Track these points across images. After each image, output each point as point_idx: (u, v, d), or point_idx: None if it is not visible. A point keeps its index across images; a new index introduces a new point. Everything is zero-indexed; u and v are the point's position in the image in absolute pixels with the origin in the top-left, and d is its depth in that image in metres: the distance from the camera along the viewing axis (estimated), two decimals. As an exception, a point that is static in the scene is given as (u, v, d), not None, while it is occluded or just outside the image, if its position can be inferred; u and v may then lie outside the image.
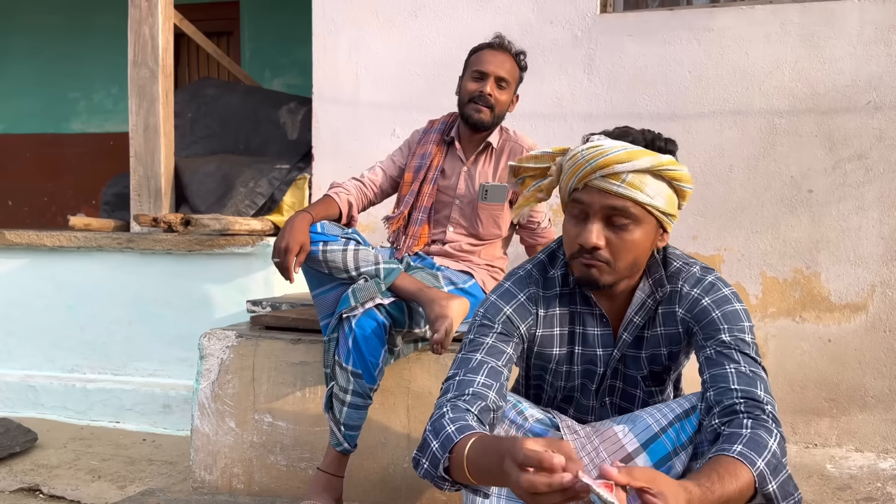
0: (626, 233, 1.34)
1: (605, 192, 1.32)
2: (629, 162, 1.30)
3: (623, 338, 1.49)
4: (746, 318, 1.41)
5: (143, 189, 3.45)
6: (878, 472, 2.59)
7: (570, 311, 1.50)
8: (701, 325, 1.41)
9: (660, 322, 1.48)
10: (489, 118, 2.29)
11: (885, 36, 2.77)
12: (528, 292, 1.49)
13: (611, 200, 1.32)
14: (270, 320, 2.49)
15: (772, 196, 2.89)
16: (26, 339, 3.35)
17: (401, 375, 2.23)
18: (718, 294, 1.42)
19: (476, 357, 1.40)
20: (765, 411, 1.27)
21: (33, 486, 2.43)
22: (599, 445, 1.38)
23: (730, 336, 1.37)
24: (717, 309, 1.40)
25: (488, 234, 2.36)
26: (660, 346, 1.50)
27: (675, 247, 1.52)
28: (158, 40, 3.40)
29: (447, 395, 1.35)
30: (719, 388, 1.32)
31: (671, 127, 2.97)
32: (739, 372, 1.32)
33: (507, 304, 1.48)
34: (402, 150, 2.47)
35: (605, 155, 1.31)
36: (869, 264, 2.80)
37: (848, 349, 2.82)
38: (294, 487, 2.28)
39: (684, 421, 1.39)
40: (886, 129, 2.78)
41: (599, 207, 1.33)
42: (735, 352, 1.35)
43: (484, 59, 2.29)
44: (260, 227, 3.31)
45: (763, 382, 1.32)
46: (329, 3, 3.39)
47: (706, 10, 2.99)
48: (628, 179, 1.31)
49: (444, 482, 1.22)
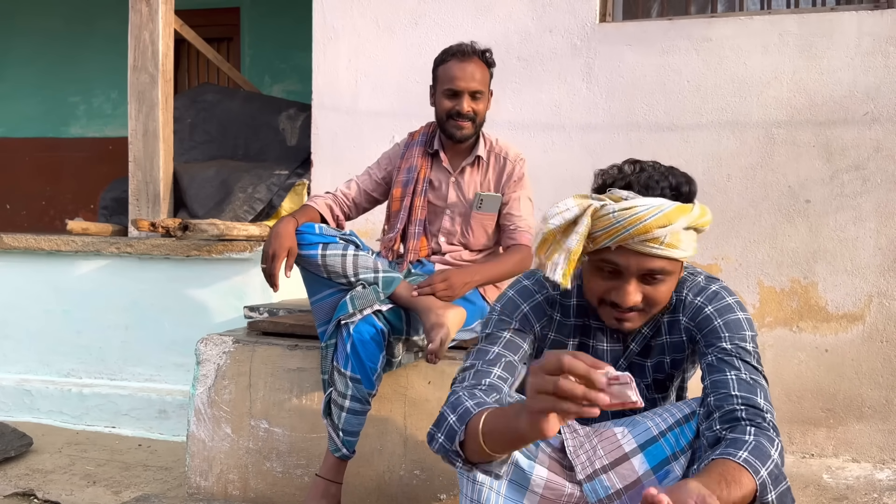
0: (662, 284, 1.35)
1: (642, 254, 1.31)
2: (669, 226, 1.28)
3: (631, 348, 1.51)
4: (749, 326, 1.41)
5: (142, 194, 3.45)
6: (875, 483, 2.59)
7: (584, 324, 1.52)
8: (703, 332, 1.42)
9: (665, 331, 1.49)
10: (472, 131, 2.28)
11: (883, 47, 2.78)
12: (547, 294, 1.51)
13: (649, 263, 1.31)
14: (267, 326, 2.49)
15: (769, 206, 2.89)
16: (22, 343, 3.34)
17: (397, 382, 2.23)
18: (722, 303, 1.43)
19: (494, 349, 1.42)
20: (765, 419, 1.27)
21: (28, 490, 2.42)
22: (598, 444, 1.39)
23: (731, 344, 1.38)
24: (719, 317, 1.41)
25: (478, 244, 2.35)
26: (664, 353, 1.51)
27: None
28: (158, 45, 3.40)
29: (463, 383, 1.36)
30: (720, 393, 1.32)
31: (669, 137, 2.99)
32: (740, 379, 1.33)
33: (524, 301, 1.50)
34: (381, 164, 2.43)
35: (643, 221, 1.27)
36: (866, 275, 2.80)
37: (845, 359, 2.82)
38: (289, 494, 2.28)
39: (684, 426, 1.39)
40: (884, 140, 2.79)
41: (637, 269, 1.32)
42: (736, 359, 1.35)
43: (453, 74, 2.23)
44: (258, 232, 3.31)
45: (763, 391, 1.33)
46: (329, 11, 3.40)
47: (705, 21, 3.00)
48: (667, 241, 1.30)
49: (458, 458, 1.23)
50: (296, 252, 2.06)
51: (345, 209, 2.37)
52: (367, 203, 2.42)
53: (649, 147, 3.01)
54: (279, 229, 2.08)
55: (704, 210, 1.35)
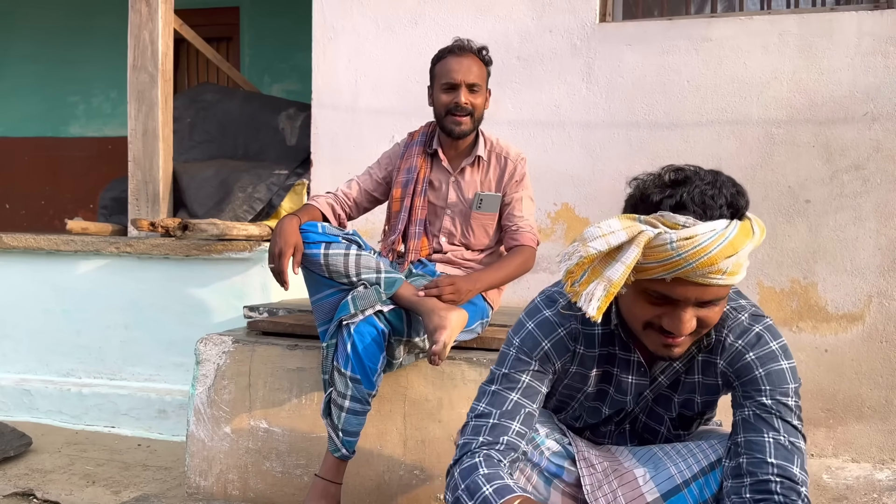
0: (716, 307, 1.24)
1: (703, 286, 1.18)
2: (734, 256, 1.16)
3: (659, 381, 1.42)
4: (793, 378, 1.30)
5: (141, 193, 3.44)
6: (875, 483, 2.59)
7: (609, 353, 1.40)
8: (742, 381, 1.31)
9: (698, 369, 1.38)
10: (470, 126, 2.28)
11: (883, 47, 2.78)
12: (570, 327, 1.38)
13: (709, 293, 1.19)
14: (267, 326, 2.49)
15: (769, 206, 2.89)
16: (22, 343, 3.34)
17: (397, 382, 2.22)
18: (764, 349, 1.31)
19: (511, 398, 1.34)
20: (800, 495, 1.22)
21: (27, 490, 2.42)
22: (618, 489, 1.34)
23: (771, 399, 1.27)
24: (761, 367, 1.30)
25: (479, 244, 2.35)
26: (695, 393, 1.42)
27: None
28: (158, 45, 3.40)
29: (479, 439, 1.29)
30: (754, 458, 1.25)
31: (669, 136, 2.98)
32: (778, 444, 1.24)
33: (546, 337, 1.38)
34: (382, 164, 2.44)
35: (709, 253, 1.13)
36: (866, 275, 2.80)
37: (845, 359, 2.82)
38: (289, 494, 2.28)
39: (709, 475, 1.33)
40: (883, 140, 2.79)
41: (696, 300, 1.20)
42: (776, 418, 1.26)
43: (450, 67, 2.25)
44: (258, 232, 3.31)
45: (801, 457, 1.25)
46: (329, 10, 3.40)
47: (705, 20, 3.00)
48: (729, 270, 1.17)
49: None
50: (302, 248, 2.05)
51: (346, 209, 2.37)
52: (368, 203, 2.43)
53: (649, 147, 3.01)
54: (284, 227, 2.07)
55: (763, 228, 1.24)
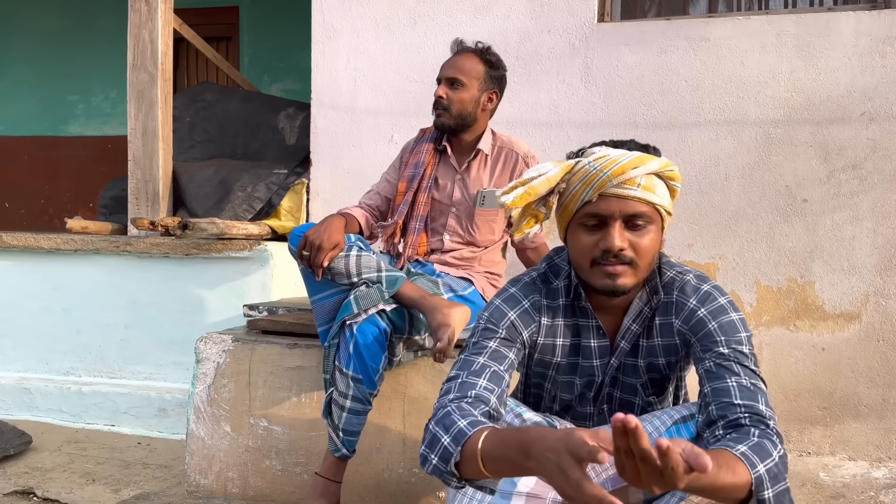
0: (645, 232, 1.38)
1: (622, 198, 1.36)
2: (642, 166, 1.36)
3: (620, 346, 1.51)
4: (743, 327, 1.41)
5: (141, 193, 3.45)
6: (872, 481, 2.60)
7: (574, 324, 1.52)
8: (698, 336, 1.42)
9: (657, 333, 1.49)
10: (449, 120, 2.30)
11: (880, 47, 2.79)
12: (533, 299, 1.51)
13: (629, 206, 1.36)
14: (267, 325, 2.50)
15: (767, 205, 2.90)
16: (22, 342, 3.35)
17: (397, 381, 2.23)
18: (714, 304, 1.43)
19: (479, 360, 1.41)
20: (769, 426, 1.27)
21: (27, 489, 2.43)
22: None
23: (728, 348, 1.37)
24: (713, 320, 1.41)
25: (485, 241, 2.37)
26: (657, 356, 1.51)
27: (668, 255, 1.54)
28: (158, 45, 3.41)
29: (449, 396, 1.35)
30: (721, 402, 1.31)
31: (667, 136, 2.99)
32: (741, 385, 1.32)
33: (511, 309, 1.49)
34: (395, 166, 2.48)
35: (619, 163, 1.35)
36: (863, 274, 2.81)
37: (842, 358, 2.83)
38: (289, 492, 2.28)
39: (681, 426, 1.39)
40: (881, 140, 2.80)
41: (619, 213, 1.36)
42: (735, 363, 1.35)
43: (441, 67, 2.34)
44: (257, 231, 3.32)
45: (764, 395, 1.32)
46: (328, 10, 3.40)
47: (703, 21, 3.01)
48: (643, 183, 1.36)
49: (453, 478, 1.23)
50: (341, 250, 2.06)
51: (374, 220, 2.41)
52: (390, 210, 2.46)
53: (647, 146, 3.01)
54: (331, 223, 2.08)
55: (670, 162, 1.42)
